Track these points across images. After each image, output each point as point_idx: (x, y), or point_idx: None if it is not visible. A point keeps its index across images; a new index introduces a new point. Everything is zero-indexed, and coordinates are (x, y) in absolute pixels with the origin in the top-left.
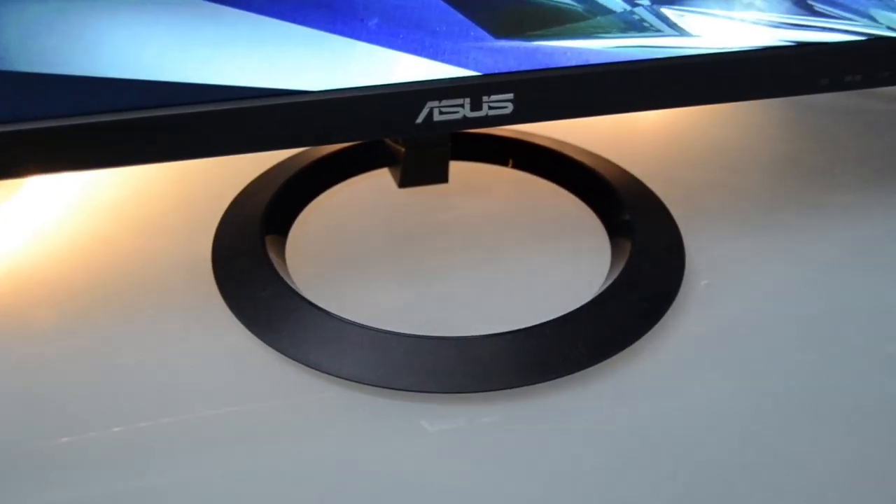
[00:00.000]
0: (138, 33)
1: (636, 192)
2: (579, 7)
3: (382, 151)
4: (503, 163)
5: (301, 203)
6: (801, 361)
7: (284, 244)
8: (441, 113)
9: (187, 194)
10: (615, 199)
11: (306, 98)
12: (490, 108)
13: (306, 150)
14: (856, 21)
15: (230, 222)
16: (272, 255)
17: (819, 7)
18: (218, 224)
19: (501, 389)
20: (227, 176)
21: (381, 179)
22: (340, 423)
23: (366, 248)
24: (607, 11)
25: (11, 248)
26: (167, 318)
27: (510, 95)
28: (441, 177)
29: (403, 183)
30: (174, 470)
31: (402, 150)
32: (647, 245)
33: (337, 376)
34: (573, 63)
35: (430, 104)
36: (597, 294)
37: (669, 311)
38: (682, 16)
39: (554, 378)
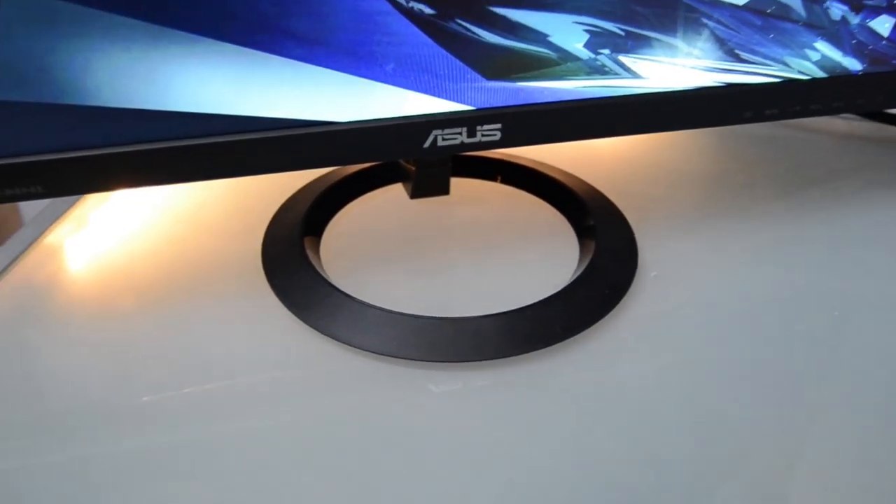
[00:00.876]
0: (203, 76)
1: (599, 203)
2: (554, 55)
3: (397, 170)
4: (493, 179)
5: (332, 211)
6: (729, 336)
7: (319, 244)
8: (443, 139)
9: (242, 204)
10: (582, 208)
11: (336, 128)
12: (483, 135)
13: (336, 169)
14: (773, 66)
15: (276, 226)
16: (309, 253)
17: (744, 55)
18: (266, 227)
19: (492, 359)
20: (273, 189)
21: (396, 192)
22: (364, 385)
23: (383, 246)
24: (576, 58)
25: (102, 246)
26: (226, 302)
27: (499, 125)
28: (444, 190)
29: (414, 195)
30: (233, 421)
31: (413, 168)
32: (607, 245)
33: (360, 349)
34: (549, 99)
35: (434, 132)
36: (568, 283)
37: (625, 297)
38: (635, 62)
39: (534, 350)
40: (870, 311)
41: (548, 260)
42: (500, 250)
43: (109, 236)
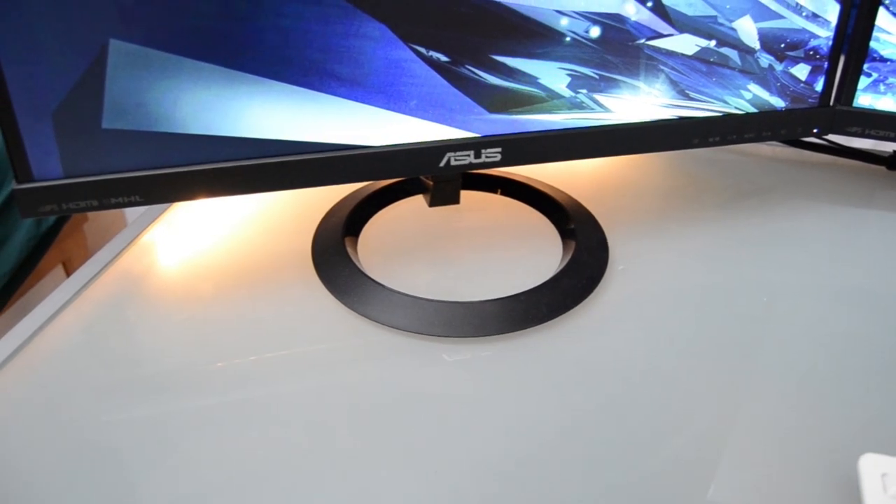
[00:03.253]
0: (266, 109)
1: (578, 211)
2: (543, 94)
3: (418, 184)
4: (494, 191)
5: (367, 216)
6: (681, 316)
7: (357, 242)
8: (455, 160)
9: (295, 210)
10: (565, 214)
11: (371, 150)
12: (486, 156)
13: (368, 184)
14: (715, 103)
15: (323, 228)
16: (349, 250)
17: (692, 94)
18: (315, 229)
19: (494, 335)
20: (318, 199)
21: (417, 202)
22: (391, 355)
23: (407, 244)
24: (560, 96)
25: (187, 243)
26: (283, 288)
27: (499, 149)
28: (455, 200)
29: (431, 204)
30: (288, 383)
31: (431, 183)
32: (584, 244)
33: (389, 326)
34: (540, 129)
35: (448, 154)
36: (553, 275)
37: (599, 286)
38: (607, 99)
39: (527, 327)
40: (792, 297)
41: (537, 256)
42: (500, 248)
43: (193, 235)
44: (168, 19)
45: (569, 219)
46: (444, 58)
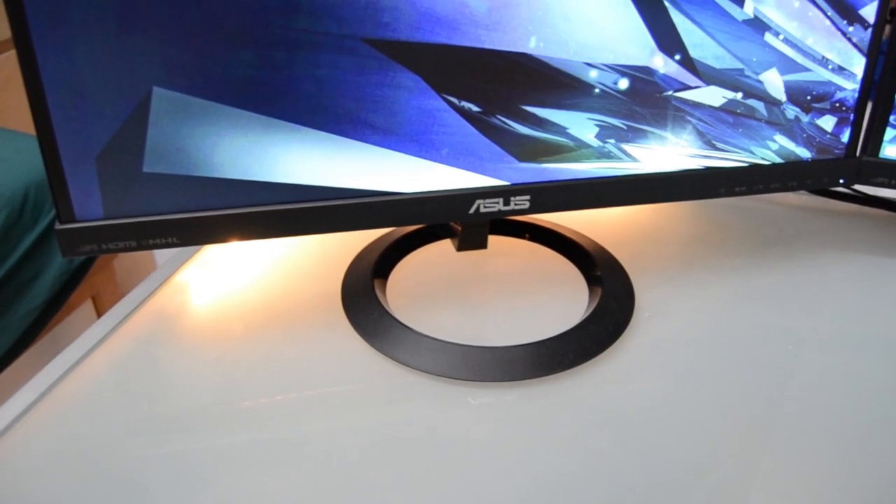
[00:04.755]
0: (302, 155)
1: (605, 258)
2: (572, 143)
3: (447, 228)
4: (522, 237)
5: (396, 259)
6: (709, 365)
7: (385, 285)
8: (485, 207)
9: (325, 253)
10: (591, 261)
11: (402, 197)
12: (515, 204)
13: (398, 227)
14: (741, 153)
15: (352, 271)
16: (378, 292)
17: (719, 145)
18: (345, 272)
19: (519, 380)
20: (349, 242)
21: (445, 246)
22: (418, 397)
23: (435, 288)
24: (589, 146)
25: (219, 284)
26: (312, 329)
27: (528, 197)
28: (483, 245)
29: (459, 248)
30: (315, 423)
31: (460, 228)
32: (610, 291)
33: (416, 369)
34: (568, 178)
35: (478, 201)
36: (580, 321)
37: (625, 333)
38: (635, 149)
39: (552, 373)
40: (817, 346)
41: (563, 302)
42: (526, 293)
43: (225, 276)
44: (209, 68)
45: (595, 265)
46: (475, 108)
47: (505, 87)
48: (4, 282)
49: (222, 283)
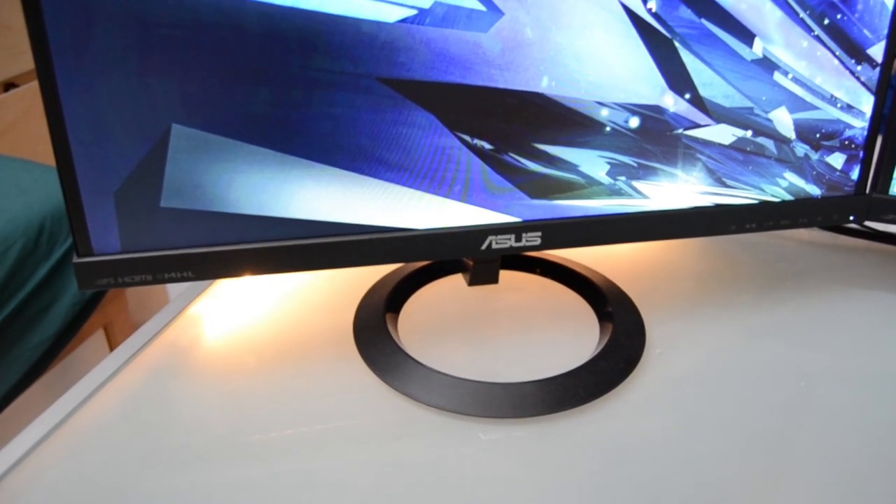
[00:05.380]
0: (317, 192)
1: (615, 293)
2: (583, 181)
3: (458, 263)
4: (533, 272)
5: (408, 294)
6: (720, 402)
7: (397, 319)
8: (497, 243)
9: (337, 286)
10: (602, 297)
11: (415, 233)
12: (527, 240)
13: None
14: (751, 191)
15: (364, 304)
16: (389, 327)
17: (729, 182)
18: (357, 306)
19: (530, 417)
20: (360, 276)
21: (456, 280)
22: (428, 433)
23: (446, 323)
24: (600, 183)
25: (231, 317)
26: (324, 363)
27: (539, 233)
28: (494, 280)
29: (471, 283)
30: (325, 457)
31: (471, 263)
32: (621, 327)
33: (427, 404)
34: (579, 214)
35: (490, 237)
36: (590, 357)
37: (636, 369)
38: (646, 186)
39: (563, 410)
40: (829, 383)
41: (574, 337)
42: (537, 329)
43: (237, 308)
44: (227, 106)
45: (606, 301)
46: (488, 146)
47: (517, 125)
48: (18, 311)
49: (235, 315)
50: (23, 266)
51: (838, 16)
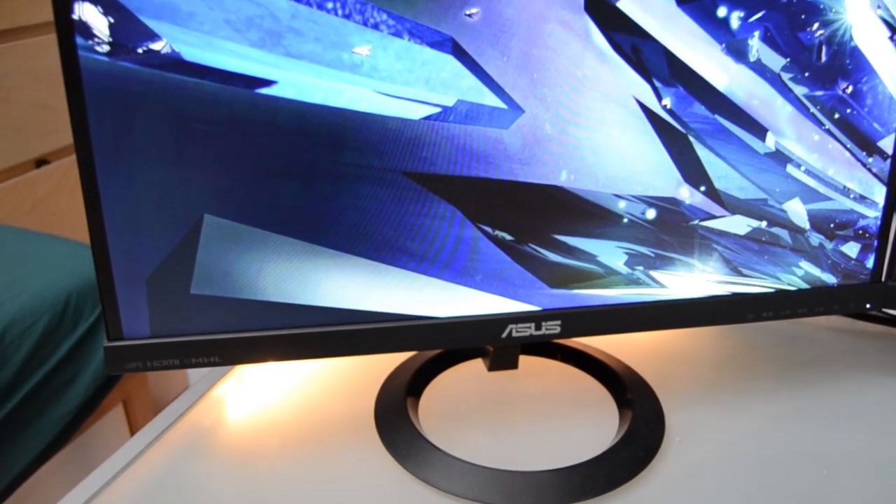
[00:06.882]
0: (342, 281)
1: (634, 380)
2: (601, 270)
3: (479, 348)
4: (553, 358)
5: (428, 379)
6: (741, 490)
7: (418, 404)
8: (517, 331)
9: (358, 371)
10: (621, 384)
11: (437, 321)
12: (547, 329)
13: None
14: (767, 280)
15: (385, 390)
16: (410, 412)
17: (745, 272)
18: (379, 390)
19: None
20: (381, 360)
21: (476, 365)
22: None
23: (467, 408)
24: (618, 273)
25: (254, 400)
26: (345, 447)
27: (559, 322)
28: (514, 365)
29: (491, 368)
30: None
31: (491, 349)
32: (640, 414)
33: (448, 492)
34: (598, 304)
35: (510, 326)
36: (610, 446)
37: (656, 457)
38: (663, 276)
39: (583, 500)
40: (851, 469)
41: (593, 424)
42: (557, 415)
43: (259, 393)
44: (259, 198)
45: (625, 388)
46: (508, 237)
47: (537, 217)
48: (41, 385)
49: (257, 398)
50: (48, 341)
51: (848, 110)
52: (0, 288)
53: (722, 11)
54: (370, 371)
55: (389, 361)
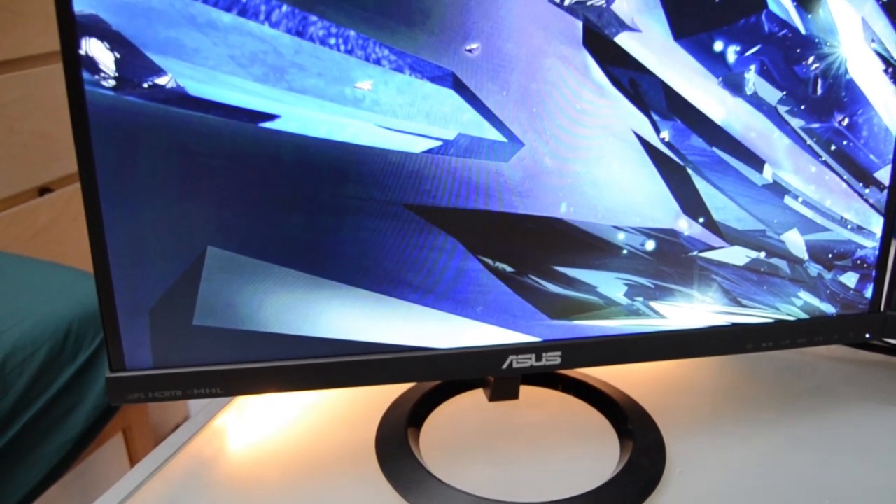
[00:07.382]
0: (344, 312)
1: (635, 410)
2: (601, 301)
3: (480, 380)
4: (553, 388)
5: (429, 409)
6: None
7: (419, 435)
8: (517, 362)
9: (359, 401)
10: (622, 414)
11: (438, 352)
12: (547, 359)
13: None
14: (766, 310)
15: (386, 420)
16: (411, 442)
17: (744, 302)
18: (379, 421)
19: None
20: (382, 391)
21: (477, 396)
22: None
23: (468, 439)
24: (618, 304)
25: (254, 431)
26: (346, 479)
27: (559, 353)
28: (514, 395)
29: (492, 399)
30: None
31: (492, 379)
32: (641, 444)
33: None
34: (598, 334)
35: (511, 357)
36: (611, 477)
37: (657, 489)
38: (663, 306)
39: None
40: (854, 499)
41: (594, 455)
42: (557, 446)
43: (260, 423)
44: (261, 231)
45: (626, 418)
46: (509, 268)
47: (537, 248)
48: (42, 414)
49: (258, 429)
50: (49, 369)
51: (844, 142)
52: (1, 316)
53: (718, 46)
54: (371, 402)
55: (390, 392)
